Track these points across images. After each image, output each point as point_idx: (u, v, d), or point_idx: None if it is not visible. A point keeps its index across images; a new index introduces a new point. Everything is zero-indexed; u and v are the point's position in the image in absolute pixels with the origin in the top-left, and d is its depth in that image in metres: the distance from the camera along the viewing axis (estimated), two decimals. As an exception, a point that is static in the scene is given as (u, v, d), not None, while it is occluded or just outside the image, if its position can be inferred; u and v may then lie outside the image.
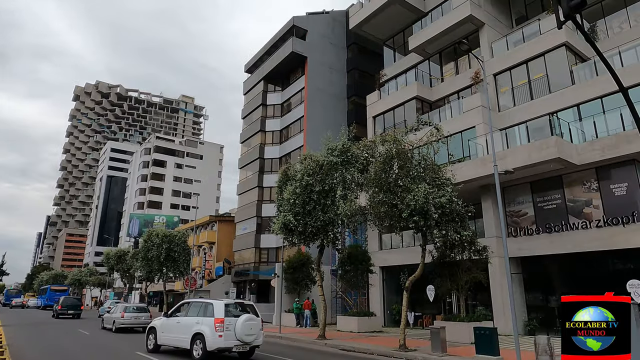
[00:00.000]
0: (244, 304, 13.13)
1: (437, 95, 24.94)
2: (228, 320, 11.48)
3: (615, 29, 19.92)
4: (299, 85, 36.84)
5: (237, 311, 12.17)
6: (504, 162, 16.89)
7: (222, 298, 13.76)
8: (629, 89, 15.88)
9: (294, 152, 35.24)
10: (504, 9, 24.53)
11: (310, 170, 17.29)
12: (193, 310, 12.59)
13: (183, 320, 12.50)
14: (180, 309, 13.28)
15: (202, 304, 12.57)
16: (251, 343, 11.74)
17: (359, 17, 28.48)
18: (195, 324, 11.85)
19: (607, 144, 16.06)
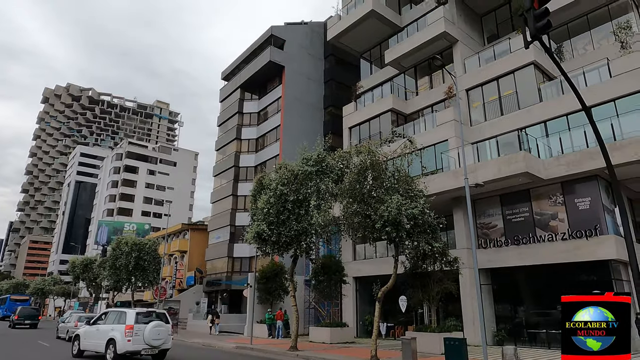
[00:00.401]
0: (157, 312, 14.69)
1: (411, 108, 25.41)
2: (138, 326, 12.90)
3: (580, 50, 20.85)
4: (276, 94, 36.86)
5: (148, 319, 13.51)
6: (474, 175, 17.30)
7: (132, 308, 15.16)
8: (591, 107, 16.63)
9: (270, 160, 35.10)
10: (477, 27, 25.34)
11: (285, 179, 17.24)
12: (110, 319, 14.09)
13: (101, 328, 13.96)
14: (101, 318, 14.69)
15: (118, 313, 14.13)
16: (159, 347, 13.19)
17: (336, 29, 28.83)
18: (110, 331, 13.27)
19: (571, 160, 16.68)
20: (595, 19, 20.44)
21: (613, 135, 16.35)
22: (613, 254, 15.33)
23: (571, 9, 20.26)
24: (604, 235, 15.83)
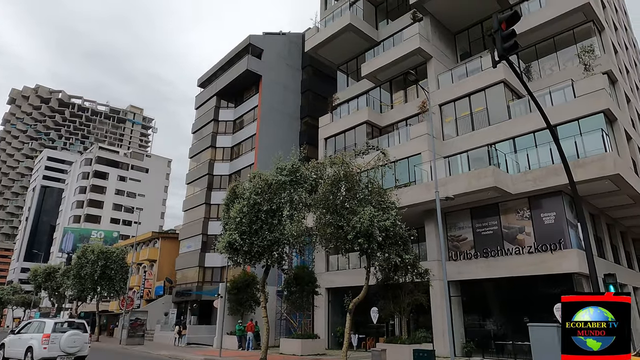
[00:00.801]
0: (75, 322, 15.96)
1: (386, 121, 25.79)
2: (54, 335, 14.16)
3: (547, 70, 21.74)
4: (252, 103, 36.75)
5: (66, 328, 14.80)
6: (446, 189, 17.66)
7: (53, 318, 16.13)
8: (556, 126, 17.32)
9: (244, 169, 34.82)
10: (450, 44, 26.08)
11: (258, 188, 17.11)
12: (32, 328, 15.34)
13: (23, 336, 15.14)
14: (25, 327, 15.90)
15: (39, 323, 15.53)
16: (75, 354, 14.44)
17: (314, 41, 29.10)
18: (30, 339, 14.44)
19: (538, 176, 17.27)
20: (562, 41, 21.40)
21: (577, 153, 17.06)
22: (576, 267, 15.88)
23: (539, 31, 21.14)
24: (567, 249, 16.39)
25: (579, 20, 20.68)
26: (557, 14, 20.34)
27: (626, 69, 24.75)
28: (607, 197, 18.04)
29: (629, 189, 17.08)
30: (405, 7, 26.22)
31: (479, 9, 23.86)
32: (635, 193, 17.64)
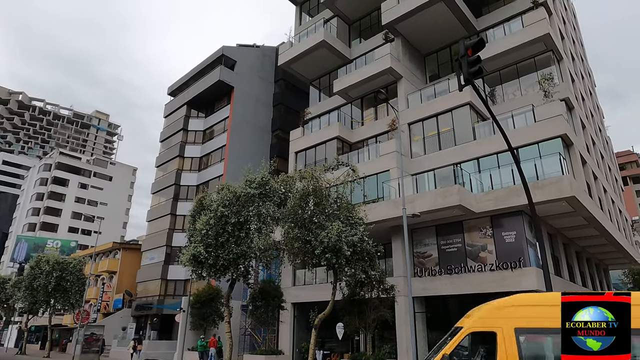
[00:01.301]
0: None
1: (357, 137, 26.14)
2: None
3: (510, 95, 22.74)
4: (223, 113, 36.46)
5: None
6: (413, 206, 17.99)
7: None
8: (517, 148, 18.07)
9: (213, 180, 34.31)
10: (420, 65, 26.89)
11: (226, 200, 16.89)
12: None
13: None
14: None
15: None
16: None
17: (288, 56, 29.32)
18: None
19: (500, 196, 17.88)
20: (524, 68, 22.48)
21: (536, 175, 17.81)
22: (534, 285, 16.41)
23: (503, 58, 22.14)
24: (526, 268, 16.95)
25: (540, 50, 21.83)
26: (520, 42, 21.39)
27: (582, 97, 26.23)
28: (564, 217, 18.87)
29: (583, 210, 17.94)
30: (378, 28, 26.91)
31: (448, 34, 24.80)
32: (589, 215, 18.53)
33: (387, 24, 24.77)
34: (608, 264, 30.32)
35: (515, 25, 22.22)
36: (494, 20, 24.16)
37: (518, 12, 22.94)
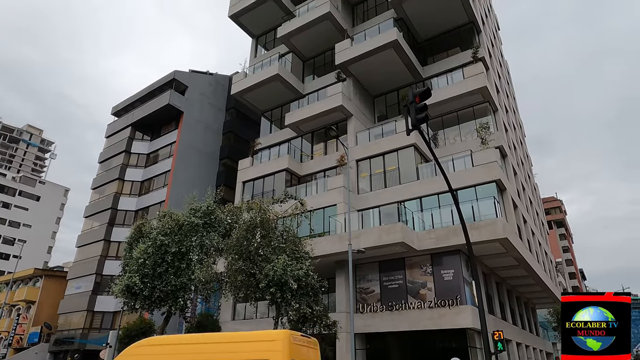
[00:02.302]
0: None
1: (306, 170, 26.41)
2: None
3: (451, 139, 24.23)
4: (170, 138, 35.50)
5: None
6: (358, 241, 18.26)
7: None
8: (457, 190, 19.09)
9: (154, 206, 32.87)
10: (369, 105, 28.05)
11: (168, 229, 16.20)
12: None
13: None
14: None
15: None
16: None
17: (241, 86, 29.45)
18: None
19: (440, 235, 18.66)
20: (464, 116, 24.17)
21: (473, 216, 18.85)
22: (470, 323, 17.02)
23: (446, 105, 23.70)
24: (463, 306, 17.59)
25: (478, 100, 23.65)
26: (460, 92, 23.08)
27: (514, 146, 28.51)
28: (497, 258, 19.99)
29: (514, 251, 19.13)
30: (331, 67, 27.91)
31: (396, 78, 26.25)
32: (519, 256, 19.79)
33: (340, 64, 25.78)
34: (535, 303, 32.21)
35: (457, 76, 24.01)
36: (438, 70, 25.96)
37: (459, 65, 24.84)
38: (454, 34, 27.03)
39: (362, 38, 25.90)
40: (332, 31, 27.80)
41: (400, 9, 25.69)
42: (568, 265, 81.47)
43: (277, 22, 30.70)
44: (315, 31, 28.11)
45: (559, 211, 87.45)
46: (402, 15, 26.01)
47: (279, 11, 31.00)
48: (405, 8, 25.58)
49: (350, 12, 30.04)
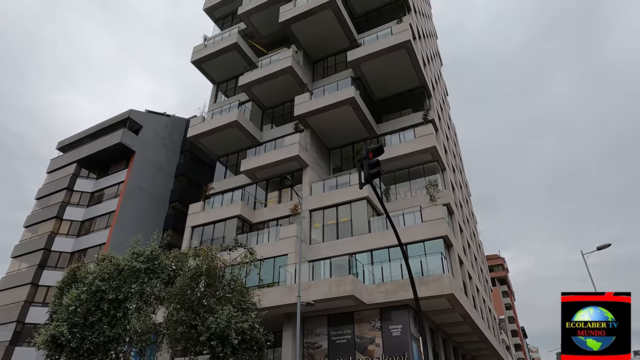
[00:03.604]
0: None
1: (258, 218, 26.07)
2: None
3: (402, 195, 25.05)
4: (118, 177, 34.14)
5: None
6: (308, 293, 17.90)
7: None
8: (406, 244, 19.51)
9: (93, 249, 30.82)
10: (325, 157, 28.70)
11: (106, 274, 15.12)
12: None
13: None
14: None
15: None
16: None
17: (198, 129, 29.31)
18: None
19: (389, 289, 18.71)
20: (414, 173, 25.24)
21: (421, 271, 19.16)
22: (416, 381, 16.77)
23: (397, 161, 24.72)
24: (410, 362, 17.37)
25: (428, 159, 24.90)
26: (411, 150, 24.26)
27: (460, 204, 29.86)
28: (443, 314, 20.20)
29: (460, 308, 19.46)
30: (290, 117, 28.60)
31: (352, 133, 27.27)
32: (465, 312, 20.12)
33: (299, 116, 26.49)
34: (480, 361, 32.47)
35: (409, 135, 25.32)
36: (391, 128, 27.28)
37: (411, 125, 26.30)
38: (407, 96, 28.81)
39: (321, 93, 26.96)
40: (292, 84, 28.77)
41: (358, 70, 27.19)
42: (510, 322, 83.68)
43: (239, 71, 31.43)
44: (276, 83, 28.97)
45: (502, 269, 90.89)
46: (360, 75, 27.51)
47: (242, 61, 31.85)
48: (362, 69, 27.12)
49: (311, 68, 31.38)
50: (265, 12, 31.45)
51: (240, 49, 31.43)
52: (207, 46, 33.00)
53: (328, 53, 30.85)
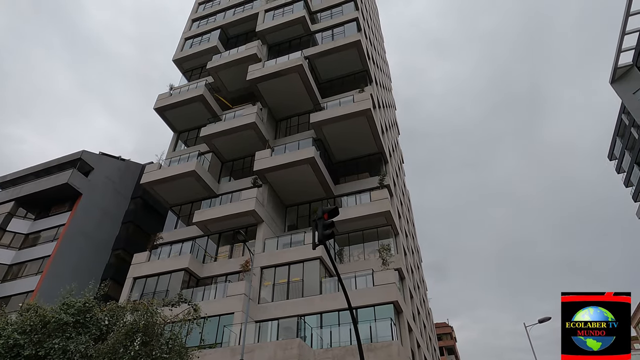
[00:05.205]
0: None
1: (207, 272, 25.01)
2: None
3: (355, 257, 25.08)
4: (59, 220, 32.06)
5: None
6: (252, 356, 16.94)
7: None
8: (357, 308, 19.24)
9: (18, 296, 28.03)
10: (281, 214, 28.57)
11: (28, 326, 13.65)
12: None
13: None
14: None
15: None
16: None
17: (153, 176, 28.58)
18: None
19: (337, 354, 18.06)
20: (368, 235, 25.52)
21: (370, 337, 18.77)
22: None
23: (352, 223, 25.01)
24: None
25: (382, 223, 25.38)
26: (367, 213, 24.72)
27: (411, 270, 30.19)
28: (391, 384, 19.58)
29: (407, 378, 19.01)
30: (249, 172, 28.63)
31: (309, 192, 27.56)
32: (412, 383, 19.65)
33: (258, 171, 26.58)
34: None
35: (365, 198, 25.90)
36: (348, 190, 27.86)
37: (367, 188, 27.01)
38: (365, 160, 29.83)
39: (282, 150, 27.41)
40: (254, 139, 29.15)
41: (319, 131, 28.09)
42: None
43: (202, 122, 31.61)
44: (239, 137, 29.26)
45: (450, 337, 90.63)
46: (321, 136, 28.39)
47: (206, 112, 32.14)
48: (324, 131, 28.06)
49: (274, 126, 32.10)
50: (233, 69, 32.44)
51: (206, 101, 31.82)
52: (173, 95, 33.18)
53: (292, 113, 31.83)
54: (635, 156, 41.11)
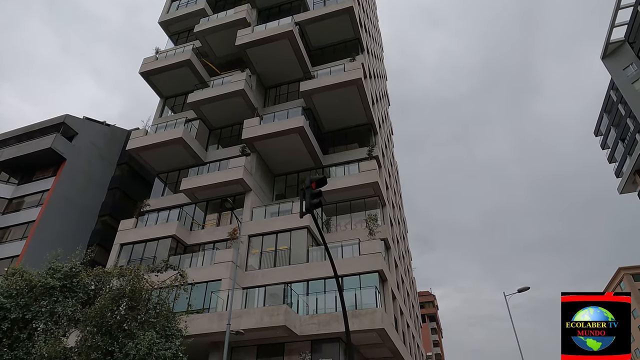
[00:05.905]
0: None
1: (194, 239, 25.09)
2: None
3: (342, 227, 25.32)
4: (43, 185, 31.57)
5: None
6: (239, 321, 17.27)
7: None
8: (342, 276, 19.57)
9: (3, 261, 27.89)
10: (270, 183, 28.52)
11: (14, 290, 13.66)
12: None
13: None
14: None
15: None
16: None
17: (140, 142, 28.09)
18: None
19: (322, 320, 18.54)
20: (356, 206, 25.71)
21: (355, 304, 19.24)
22: (342, 418, 16.48)
23: (340, 193, 25.11)
24: (337, 398, 17.11)
25: (370, 194, 25.53)
26: (355, 183, 24.79)
27: (397, 240, 30.69)
28: (373, 348, 20.27)
29: (390, 343, 19.65)
30: (237, 140, 28.30)
31: (298, 161, 27.44)
32: (394, 348, 20.34)
33: (246, 139, 26.29)
34: (406, 398, 32.70)
35: (353, 168, 25.92)
36: (337, 160, 27.81)
37: (356, 159, 26.97)
38: (354, 131, 29.68)
39: (271, 119, 27.07)
40: (243, 107, 28.67)
41: (309, 100, 27.71)
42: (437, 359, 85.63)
43: (189, 87, 30.90)
44: (227, 104, 28.74)
45: (432, 306, 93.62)
46: (311, 106, 28.03)
47: (193, 78, 31.37)
48: (314, 100, 27.68)
49: (263, 94, 31.55)
50: (222, 33, 31.47)
51: (193, 66, 31.00)
52: (159, 59, 32.21)
53: (281, 81, 31.26)
54: (621, 132, 41.67)
